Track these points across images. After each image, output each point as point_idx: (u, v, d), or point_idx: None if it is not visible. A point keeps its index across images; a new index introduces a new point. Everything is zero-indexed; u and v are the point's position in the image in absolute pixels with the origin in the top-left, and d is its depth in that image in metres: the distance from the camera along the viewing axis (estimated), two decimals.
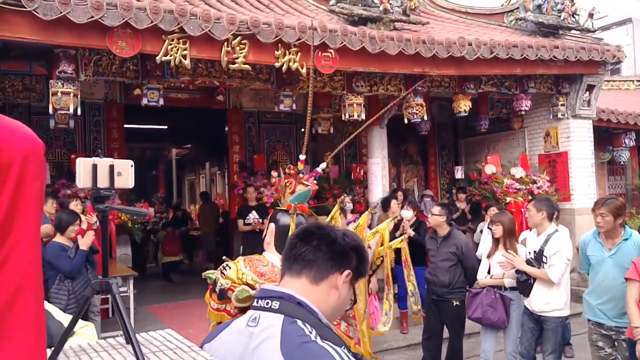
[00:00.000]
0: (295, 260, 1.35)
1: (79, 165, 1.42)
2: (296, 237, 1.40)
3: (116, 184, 1.46)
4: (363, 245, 1.45)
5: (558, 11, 8.64)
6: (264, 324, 1.27)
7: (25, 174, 0.91)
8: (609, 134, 10.46)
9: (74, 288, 4.89)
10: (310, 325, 1.25)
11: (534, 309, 4.58)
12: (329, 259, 1.34)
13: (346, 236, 1.39)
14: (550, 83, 8.87)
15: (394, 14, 7.11)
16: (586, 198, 8.88)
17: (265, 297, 1.31)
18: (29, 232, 0.92)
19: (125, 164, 1.50)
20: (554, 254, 4.43)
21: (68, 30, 5.08)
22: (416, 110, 7.58)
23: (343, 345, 1.28)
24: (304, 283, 1.32)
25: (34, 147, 0.96)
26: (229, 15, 5.68)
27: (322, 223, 1.48)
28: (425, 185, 11.03)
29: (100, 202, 1.45)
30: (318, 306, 1.31)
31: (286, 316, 1.26)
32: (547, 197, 5.43)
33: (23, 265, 0.90)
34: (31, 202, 0.92)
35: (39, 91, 6.61)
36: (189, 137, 14.64)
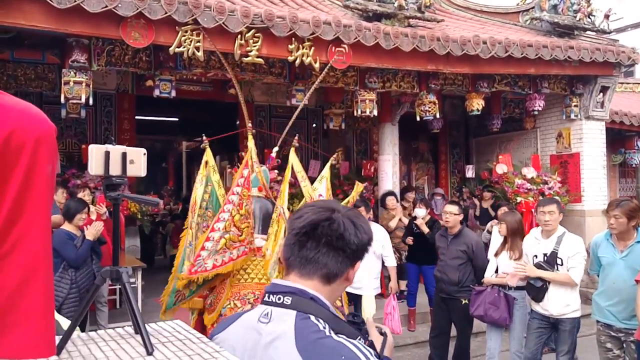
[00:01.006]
0: (307, 262, 1.28)
1: (92, 152, 1.40)
2: (305, 235, 1.29)
3: (128, 172, 1.44)
4: (372, 233, 1.38)
5: (574, 11, 8.56)
6: (276, 320, 1.24)
7: (37, 157, 0.89)
8: (621, 136, 10.38)
9: (76, 278, 4.89)
10: (324, 320, 1.23)
11: (552, 313, 4.47)
12: (343, 261, 1.29)
13: (358, 231, 1.30)
14: (564, 83, 8.78)
15: (408, 11, 7.06)
16: (597, 200, 8.82)
17: (277, 292, 1.28)
18: (40, 215, 0.91)
19: (137, 152, 1.48)
20: (574, 255, 4.36)
21: (82, 20, 5.08)
22: (429, 108, 7.54)
23: (358, 337, 1.26)
24: (316, 283, 1.29)
25: (47, 130, 0.94)
26: (243, 8, 5.65)
27: (331, 211, 1.31)
28: (435, 184, 10.97)
29: (112, 190, 1.43)
30: (329, 300, 1.29)
31: (299, 312, 1.23)
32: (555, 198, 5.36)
33: (35, 249, 0.89)
34: (43, 186, 0.91)
35: (51, 80, 6.63)
36: (200, 129, 14.64)
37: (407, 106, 8.22)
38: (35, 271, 0.89)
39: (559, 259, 4.41)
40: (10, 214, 0.85)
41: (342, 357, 1.15)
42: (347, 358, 1.15)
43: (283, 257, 1.35)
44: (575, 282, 4.40)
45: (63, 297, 4.66)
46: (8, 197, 0.86)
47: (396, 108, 8.38)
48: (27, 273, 0.88)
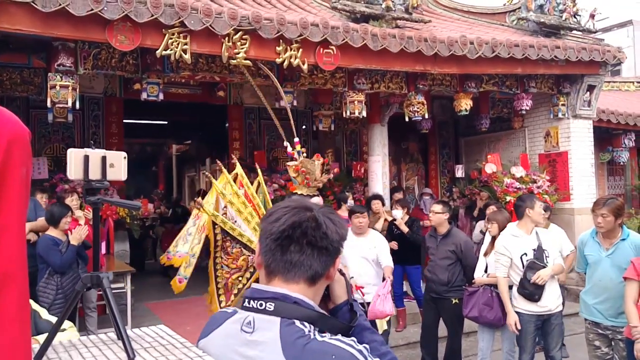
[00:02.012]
0: (292, 266, 1.25)
1: (70, 156, 1.39)
2: (287, 238, 1.25)
3: (109, 176, 1.42)
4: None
5: (560, 11, 8.62)
6: (260, 329, 1.21)
7: (10, 160, 0.88)
8: (609, 135, 10.46)
9: (62, 283, 4.85)
10: (309, 322, 1.21)
11: (550, 308, 4.49)
12: (326, 260, 1.27)
13: (337, 226, 1.29)
14: (551, 83, 8.84)
15: (396, 12, 7.08)
16: (586, 198, 8.88)
17: (258, 298, 1.24)
18: (14, 219, 0.89)
19: (118, 155, 1.47)
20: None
21: (67, 23, 5.04)
22: (417, 109, 7.55)
23: (343, 329, 1.26)
24: (302, 286, 1.26)
25: (19, 132, 0.93)
26: (230, 10, 5.64)
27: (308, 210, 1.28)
28: (425, 184, 11.00)
29: (92, 194, 1.41)
30: (314, 300, 1.28)
31: (283, 318, 1.20)
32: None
33: (8, 254, 0.87)
34: (16, 189, 0.89)
35: (38, 84, 6.57)
36: (189, 132, 14.60)
37: (396, 107, 8.24)
38: (9, 277, 0.88)
39: (545, 251, 4.48)
40: None
41: (333, 356, 1.14)
42: (337, 356, 1.14)
43: (262, 264, 1.30)
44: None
45: (49, 303, 4.62)
46: None
47: (385, 109, 8.40)
48: (2, 276, 0.86)
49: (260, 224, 1.39)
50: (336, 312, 1.38)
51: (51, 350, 1.29)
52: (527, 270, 4.48)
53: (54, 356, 1.28)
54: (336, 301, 1.39)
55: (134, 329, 1.53)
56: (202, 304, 6.41)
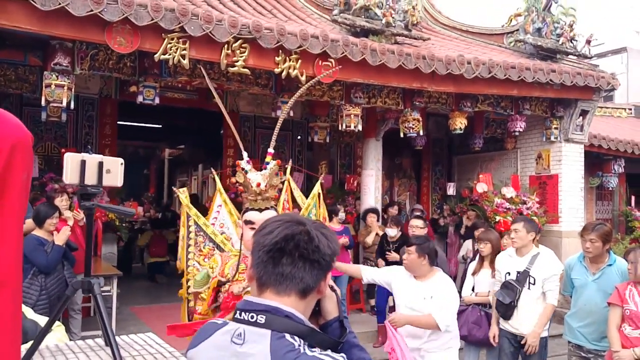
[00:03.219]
0: (284, 278, 1.25)
1: (67, 160, 1.38)
2: (279, 251, 1.25)
3: (105, 182, 1.41)
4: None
5: (557, 35, 8.73)
6: (250, 341, 1.21)
7: (12, 164, 0.87)
8: (599, 160, 10.53)
9: (46, 284, 4.79)
10: (299, 337, 1.21)
11: (522, 332, 4.46)
12: (318, 274, 1.28)
13: (329, 241, 1.30)
14: (545, 106, 8.92)
15: (396, 28, 7.14)
16: (574, 221, 8.95)
17: (250, 310, 1.24)
18: (12, 224, 0.88)
19: (115, 161, 1.45)
20: (550, 278, 4.34)
21: (66, 22, 5.01)
22: (412, 125, 7.59)
23: (332, 344, 1.26)
24: (293, 299, 1.26)
25: (22, 137, 0.92)
26: (231, 18, 5.65)
27: (301, 224, 1.29)
28: (417, 200, 11.03)
29: (86, 200, 1.40)
30: (304, 314, 1.28)
31: (273, 331, 1.20)
32: (532, 219, 5.38)
33: (5, 260, 0.86)
34: (16, 194, 0.89)
35: (33, 82, 6.53)
36: (183, 137, 14.57)
37: (391, 122, 8.27)
38: (4, 285, 0.86)
39: (531, 277, 4.40)
40: None
41: None
42: None
43: (254, 276, 1.30)
44: (554, 304, 4.40)
45: (32, 304, 4.56)
46: None
47: (381, 124, 8.43)
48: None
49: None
50: (326, 328, 1.38)
51: (38, 355, 1.27)
52: (501, 288, 4.55)
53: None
54: (327, 317, 1.40)
55: (122, 336, 1.52)
56: None
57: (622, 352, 3.68)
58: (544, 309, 4.39)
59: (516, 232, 4.49)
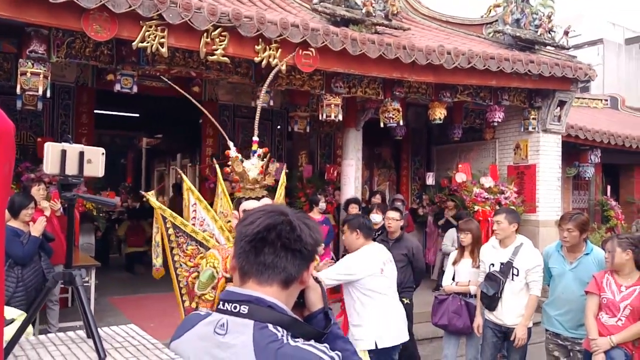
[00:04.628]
0: (265, 268, 1.25)
1: (47, 150, 1.35)
2: (261, 240, 1.26)
3: (85, 172, 1.39)
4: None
5: (535, 26, 8.81)
6: (233, 331, 1.21)
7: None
8: (576, 150, 10.71)
9: (23, 276, 4.72)
10: (282, 327, 1.21)
11: (505, 323, 4.49)
12: (300, 263, 1.28)
13: (311, 231, 1.31)
14: (523, 96, 9.02)
15: (376, 18, 7.13)
16: (551, 211, 9.10)
17: (232, 301, 1.24)
18: None
19: (96, 151, 1.43)
20: (533, 269, 4.37)
21: (41, 9, 4.89)
22: (393, 115, 7.61)
23: (316, 335, 1.27)
24: (275, 289, 1.26)
25: (4, 127, 0.91)
26: (210, 6, 5.58)
27: (283, 214, 1.30)
28: (396, 190, 11.09)
29: (67, 190, 1.38)
30: (287, 305, 1.28)
31: (256, 321, 1.20)
32: (514, 209, 5.43)
33: None
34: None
35: (7, 70, 6.39)
36: (161, 127, 14.40)
37: (371, 112, 8.29)
38: None
39: (515, 269, 4.44)
40: None
41: None
42: None
43: (236, 266, 1.30)
44: (537, 295, 4.43)
45: (9, 296, 4.49)
46: None
47: (361, 114, 8.44)
48: None
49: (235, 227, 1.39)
50: (311, 320, 1.39)
51: (18, 347, 1.26)
52: (485, 279, 4.60)
53: (21, 354, 1.24)
54: (311, 308, 1.41)
55: (104, 328, 1.51)
56: (166, 301, 6.32)
57: (599, 340, 3.73)
58: (529, 301, 4.42)
59: (498, 223, 4.52)
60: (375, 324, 4.10)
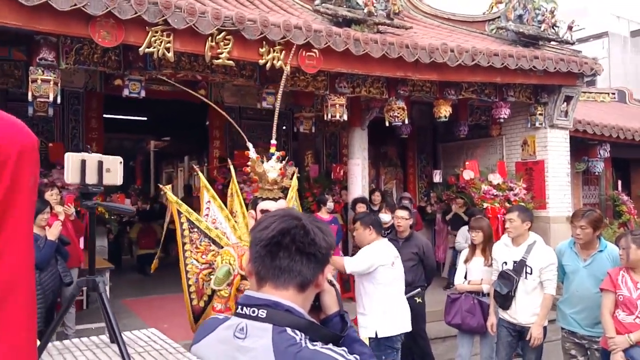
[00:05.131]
0: (281, 272, 1.28)
1: (68, 160, 1.40)
2: (276, 245, 1.28)
3: (105, 181, 1.44)
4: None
5: (538, 22, 8.77)
6: (252, 335, 1.24)
7: (20, 169, 0.90)
8: (584, 145, 10.63)
9: (41, 279, 4.80)
10: (300, 331, 1.23)
11: (520, 322, 4.45)
12: (315, 267, 1.31)
13: (325, 235, 1.33)
14: (529, 92, 9.00)
15: (377, 17, 7.14)
16: (561, 207, 9.07)
17: (250, 305, 1.27)
18: (22, 229, 0.91)
19: (114, 160, 1.48)
20: (547, 267, 4.33)
21: (50, 17, 4.97)
22: (397, 114, 7.63)
23: (333, 338, 1.29)
24: (292, 293, 1.29)
25: (29, 142, 0.94)
26: (214, 10, 5.63)
27: (296, 219, 1.32)
28: (403, 188, 11.11)
29: (88, 199, 1.43)
30: (303, 308, 1.31)
31: (275, 325, 1.22)
32: (527, 207, 5.39)
33: (16, 263, 0.89)
34: (25, 198, 0.91)
35: (18, 77, 6.48)
36: (169, 129, 14.49)
37: (376, 111, 8.31)
38: (16, 285, 0.89)
39: (528, 267, 4.39)
40: None
41: None
42: None
43: (252, 271, 1.33)
44: (552, 293, 4.38)
45: None
46: None
47: (366, 113, 8.47)
48: (7, 286, 0.88)
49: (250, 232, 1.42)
50: (327, 323, 1.41)
51: (45, 353, 1.31)
52: (498, 278, 4.57)
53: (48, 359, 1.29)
54: (327, 312, 1.43)
55: (126, 332, 1.55)
56: (178, 302, 6.37)
57: (617, 339, 3.67)
58: (543, 300, 4.37)
59: (511, 221, 4.48)
60: (378, 314, 4.35)
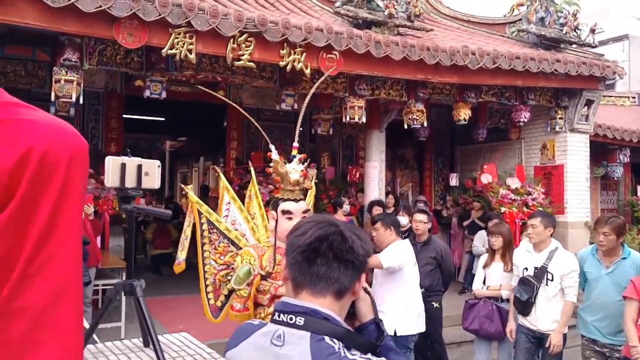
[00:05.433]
0: (319, 279, 1.26)
1: (108, 164, 1.40)
2: (313, 251, 1.26)
3: (143, 184, 1.44)
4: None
5: (560, 25, 8.69)
6: (290, 343, 1.22)
7: (71, 175, 0.90)
8: (604, 149, 10.49)
9: None
10: (338, 339, 1.22)
11: (539, 328, 4.40)
12: (352, 274, 1.29)
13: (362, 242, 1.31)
14: (549, 96, 8.91)
15: (398, 19, 7.12)
16: (580, 212, 8.96)
17: (288, 312, 1.25)
18: (71, 234, 0.91)
19: (152, 164, 1.48)
20: (569, 274, 4.27)
21: (75, 19, 5.04)
22: (416, 116, 7.60)
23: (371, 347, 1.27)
24: (329, 300, 1.27)
25: (80, 147, 0.94)
26: (237, 12, 5.65)
27: (334, 225, 1.31)
28: (419, 191, 11.05)
29: (127, 202, 1.43)
30: (340, 316, 1.30)
31: (313, 333, 1.21)
32: (549, 213, 5.31)
33: (66, 267, 0.89)
34: (75, 203, 0.91)
35: (41, 77, 6.55)
36: (186, 130, 14.56)
37: (394, 114, 8.28)
38: (68, 288, 0.89)
39: (549, 274, 4.34)
40: (42, 233, 0.85)
41: None
42: None
43: (288, 277, 1.31)
44: (573, 301, 4.33)
45: None
46: (41, 216, 0.86)
47: (384, 115, 8.43)
48: (57, 290, 0.88)
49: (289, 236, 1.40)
50: (362, 331, 1.39)
51: None
52: (518, 284, 4.51)
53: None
54: (362, 319, 1.41)
55: (158, 336, 1.55)
56: (192, 303, 6.37)
57: None
58: (564, 307, 4.32)
59: (533, 227, 4.42)
60: (400, 312, 4.43)
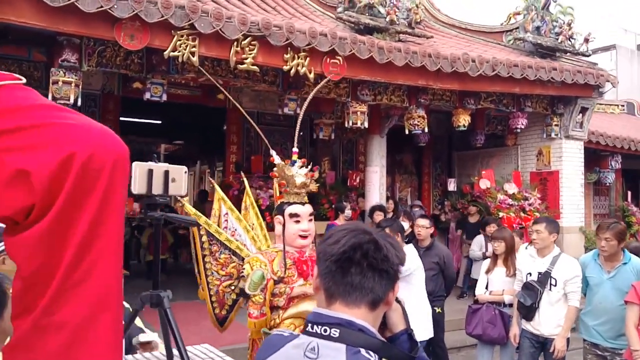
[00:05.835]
0: (353, 289, 1.22)
1: (135, 170, 1.36)
2: (347, 260, 1.22)
3: (170, 191, 1.40)
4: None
5: (556, 34, 8.78)
6: (324, 355, 1.17)
7: (114, 181, 0.87)
8: (596, 156, 10.64)
9: None
10: (374, 351, 1.19)
11: (543, 333, 4.41)
12: (387, 284, 1.25)
13: (396, 250, 1.27)
14: (545, 103, 8.99)
15: (399, 26, 7.13)
16: (574, 217, 9.06)
17: (322, 323, 1.20)
18: (113, 241, 0.88)
19: (179, 170, 1.44)
20: (572, 279, 4.30)
21: (75, 19, 4.94)
22: (417, 122, 7.62)
23: (407, 359, 1.25)
24: (363, 311, 1.23)
25: (123, 152, 0.92)
26: (241, 15, 5.61)
27: (367, 233, 1.27)
28: (418, 196, 11.07)
29: (153, 209, 1.39)
30: (374, 327, 1.26)
31: (348, 346, 1.16)
32: (554, 219, 5.31)
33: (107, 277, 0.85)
34: (117, 210, 0.88)
35: (37, 78, 6.45)
36: (183, 133, 14.45)
37: (395, 119, 8.29)
38: (107, 303, 0.85)
39: (553, 279, 4.37)
40: (85, 239, 0.82)
41: None
42: None
43: (321, 287, 1.26)
44: (576, 306, 4.35)
45: None
46: (83, 222, 0.82)
47: (385, 121, 8.44)
48: (98, 304, 0.84)
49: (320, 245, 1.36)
50: (394, 341, 1.35)
51: None
52: (522, 289, 4.52)
53: None
54: (393, 330, 1.36)
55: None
56: (188, 309, 6.32)
57: None
58: (568, 312, 4.34)
59: (538, 233, 4.44)
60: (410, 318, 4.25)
